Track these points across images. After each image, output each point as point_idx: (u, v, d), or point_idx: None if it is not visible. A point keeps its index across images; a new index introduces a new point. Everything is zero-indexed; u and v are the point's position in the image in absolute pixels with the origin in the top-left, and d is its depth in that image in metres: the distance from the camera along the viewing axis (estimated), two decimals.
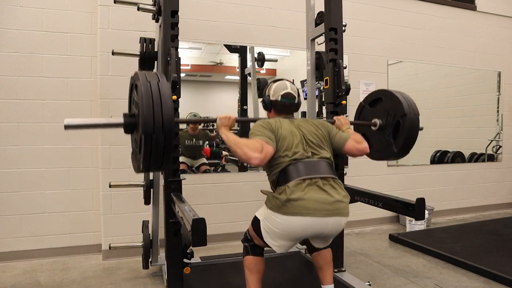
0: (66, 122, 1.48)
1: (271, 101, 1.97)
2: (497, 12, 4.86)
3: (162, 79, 1.49)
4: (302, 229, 1.66)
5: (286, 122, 1.86)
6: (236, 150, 1.66)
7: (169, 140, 1.44)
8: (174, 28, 2.19)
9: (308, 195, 1.63)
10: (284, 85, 1.98)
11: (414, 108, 2.15)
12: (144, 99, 1.40)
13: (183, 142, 3.72)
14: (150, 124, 1.38)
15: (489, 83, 4.98)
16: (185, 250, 2.26)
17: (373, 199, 2.28)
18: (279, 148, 1.75)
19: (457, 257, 2.92)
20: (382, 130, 2.26)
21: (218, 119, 1.83)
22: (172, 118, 1.44)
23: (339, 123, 2.15)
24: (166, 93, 1.44)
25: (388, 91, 2.25)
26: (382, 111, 2.27)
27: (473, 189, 4.78)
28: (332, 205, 1.66)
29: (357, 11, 4.00)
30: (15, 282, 2.66)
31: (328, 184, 1.71)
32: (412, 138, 2.15)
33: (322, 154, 1.81)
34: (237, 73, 4.04)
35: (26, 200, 3.06)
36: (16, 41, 3.00)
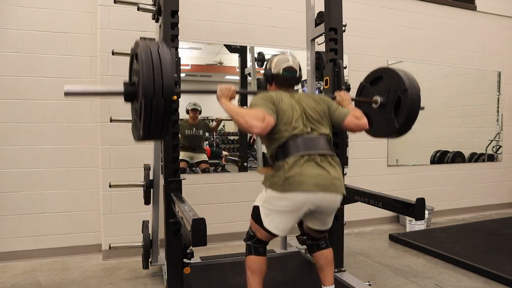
0: (66, 89, 1.46)
1: (272, 74, 1.96)
2: (497, 12, 4.86)
3: (163, 46, 1.48)
4: (300, 203, 1.70)
5: (287, 96, 1.86)
6: (238, 119, 1.66)
7: (169, 105, 1.43)
8: (174, 28, 2.19)
9: (305, 172, 1.67)
10: (286, 58, 1.97)
11: (415, 84, 2.14)
12: (145, 65, 1.39)
13: (183, 132, 3.71)
14: (150, 89, 1.38)
15: (489, 83, 4.98)
16: (185, 250, 2.26)
17: (373, 199, 2.27)
18: (279, 121, 1.76)
19: (457, 257, 2.92)
20: (383, 107, 2.25)
21: (218, 90, 1.81)
22: (172, 83, 1.44)
23: (340, 99, 2.14)
24: (166, 58, 1.43)
25: (389, 69, 2.24)
26: (382, 89, 2.26)
27: (473, 189, 4.78)
28: (329, 181, 1.70)
29: (357, 11, 4.00)
30: (15, 282, 2.66)
31: (325, 161, 1.74)
32: (413, 114, 2.14)
33: (321, 130, 1.83)
34: (237, 73, 4.04)
35: (26, 200, 3.06)
36: (16, 41, 3.00)
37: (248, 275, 1.88)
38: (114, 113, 2.98)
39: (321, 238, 2.01)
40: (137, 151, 3.13)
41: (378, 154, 4.18)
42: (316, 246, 2.00)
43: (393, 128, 2.20)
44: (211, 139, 4.10)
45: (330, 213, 1.86)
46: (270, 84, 2.01)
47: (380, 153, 4.19)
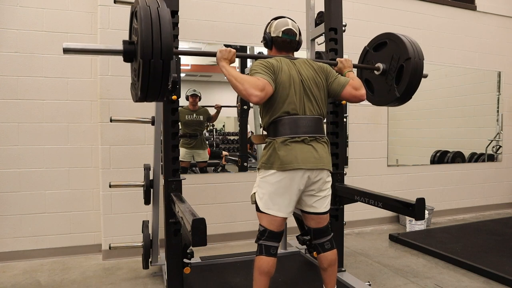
0: (64, 45, 1.46)
1: (271, 37, 1.94)
2: (497, 12, 4.86)
3: (162, 5, 1.47)
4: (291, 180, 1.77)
5: (287, 63, 1.85)
6: (237, 85, 1.65)
7: (167, 67, 1.44)
8: (174, 28, 2.19)
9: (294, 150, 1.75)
10: (285, 21, 1.95)
11: (418, 52, 2.14)
12: (143, 23, 1.39)
13: (182, 118, 3.70)
14: (148, 49, 1.38)
15: (489, 83, 4.98)
16: (185, 250, 2.26)
17: (373, 199, 2.27)
18: (276, 93, 1.78)
19: (457, 257, 2.92)
20: (385, 74, 2.23)
21: (218, 52, 1.79)
22: (171, 43, 1.43)
23: (341, 66, 2.13)
24: (165, 18, 1.43)
25: (393, 34, 2.20)
26: (386, 55, 2.24)
27: (473, 189, 4.78)
28: (317, 158, 1.79)
29: (357, 11, 4.00)
30: (15, 282, 2.66)
31: (315, 141, 1.82)
32: (415, 83, 2.14)
33: (315, 109, 1.86)
34: None
35: (26, 200, 3.06)
36: (16, 41, 3.00)
37: (255, 276, 1.82)
38: (114, 113, 2.99)
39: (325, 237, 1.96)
40: (137, 151, 3.13)
41: (378, 154, 4.18)
42: (321, 247, 1.96)
43: (394, 96, 2.19)
44: (211, 139, 4.10)
45: (321, 191, 1.88)
46: (269, 49, 1.99)
47: (380, 153, 4.19)
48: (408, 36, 2.19)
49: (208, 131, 4.11)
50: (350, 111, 3.95)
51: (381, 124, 4.15)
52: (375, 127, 4.15)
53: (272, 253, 1.83)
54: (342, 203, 2.53)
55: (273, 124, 1.82)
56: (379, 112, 4.16)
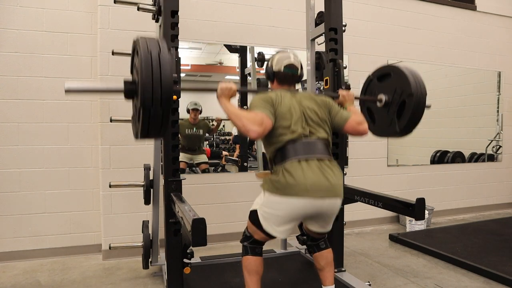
0: (66, 86, 1.47)
1: (273, 71, 1.95)
2: (497, 12, 4.86)
3: (163, 49, 1.46)
4: (299, 209, 1.70)
5: (288, 95, 1.84)
6: (236, 122, 1.66)
7: (167, 113, 1.45)
8: (174, 28, 2.19)
9: (304, 177, 1.66)
10: (287, 55, 1.96)
11: (422, 88, 2.10)
12: (144, 71, 1.39)
13: (183, 131, 3.70)
14: (148, 99, 1.38)
15: (489, 83, 4.98)
16: (185, 250, 2.26)
17: (373, 199, 2.27)
18: (278, 124, 1.75)
19: (457, 257, 2.92)
20: (387, 106, 2.21)
21: (218, 89, 1.79)
22: (171, 91, 1.44)
23: (343, 99, 2.13)
24: (166, 65, 1.43)
25: (398, 67, 2.18)
26: (389, 87, 2.21)
27: (473, 189, 4.78)
28: (327, 187, 1.69)
29: (357, 11, 4.00)
30: (15, 282, 2.66)
31: (324, 165, 1.73)
32: (416, 120, 2.12)
33: (320, 133, 1.82)
34: (237, 73, 4.04)
35: (26, 200, 3.06)
36: (16, 41, 3.00)
37: (245, 275, 1.89)
38: (114, 113, 2.98)
39: (321, 239, 2.02)
40: (137, 151, 3.13)
41: (378, 154, 4.18)
42: (316, 247, 2.02)
43: (394, 130, 2.18)
44: (211, 139, 4.10)
45: (330, 217, 1.85)
46: (271, 82, 2.00)
47: (380, 153, 4.19)
48: (412, 69, 2.16)
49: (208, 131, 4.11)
50: None
51: None
52: None
53: (258, 253, 1.89)
54: (342, 203, 2.53)
55: (279, 152, 1.75)
56: None
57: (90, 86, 1.67)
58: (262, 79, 4.04)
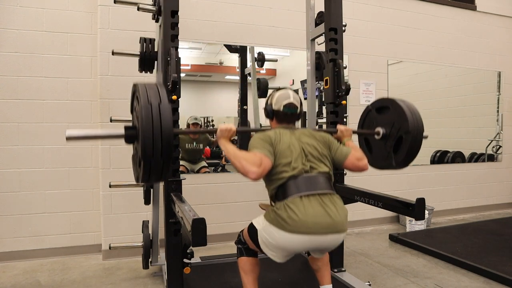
0: (67, 134, 1.50)
1: (273, 110, 1.96)
2: (497, 12, 4.86)
3: (164, 99, 1.48)
4: (300, 245, 1.67)
5: (287, 134, 1.84)
6: (235, 163, 1.66)
7: (167, 162, 1.49)
8: (174, 28, 2.19)
9: (307, 213, 1.62)
10: (286, 94, 1.96)
11: (419, 125, 2.13)
12: (144, 123, 1.41)
13: (183, 146, 3.71)
14: (149, 150, 1.41)
15: (489, 83, 4.98)
16: (185, 250, 2.26)
17: (373, 199, 2.27)
18: (278, 162, 1.73)
19: (457, 257, 2.92)
20: (385, 139, 2.26)
21: (218, 131, 1.81)
22: (171, 142, 1.47)
23: (341, 134, 2.15)
24: (166, 116, 1.45)
25: (396, 102, 2.21)
26: (387, 119, 2.25)
27: (473, 189, 4.78)
28: (330, 223, 1.65)
29: (357, 11, 4.00)
30: (15, 282, 2.66)
31: (326, 200, 1.70)
32: (412, 156, 2.16)
33: (321, 168, 1.79)
34: (237, 73, 4.04)
35: (26, 200, 3.06)
36: (16, 41, 3.00)
37: (242, 275, 1.92)
38: (114, 113, 2.98)
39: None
40: None
41: None
42: None
43: (390, 165, 2.23)
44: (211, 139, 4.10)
45: (331, 249, 1.82)
46: (271, 120, 2.01)
47: None
48: (410, 104, 2.18)
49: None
50: (350, 111, 3.95)
51: None
52: None
53: (252, 254, 1.91)
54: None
55: (281, 188, 1.73)
56: None
57: (91, 133, 1.72)
58: (262, 79, 4.04)
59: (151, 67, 2.55)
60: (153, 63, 2.54)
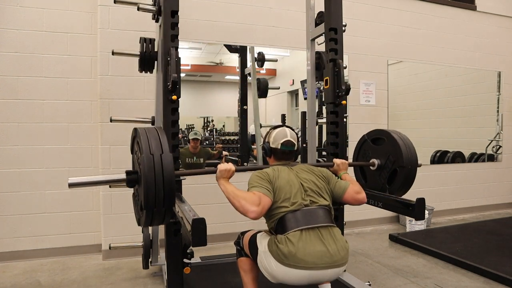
0: (70, 181, 1.55)
1: (271, 148, 1.98)
2: (497, 12, 4.86)
3: (165, 149, 1.51)
4: (299, 280, 1.66)
5: (285, 170, 1.85)
6: (234, 203, 1.68)
7: (169, 210, 1.53)
8: (174, 28, 2.19)
9: (307, 248, 1.62)
10: (284, 133, 1.98)
11: (413, 158, 2.18)
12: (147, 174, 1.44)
13: (183, 160, 3.69)
14: (152, 201, 1.45)
15: (489, 83, 4.98)
16: (185, 250, 2.26)
17: (373, 199, 2.27)
18: (277, 199, 1.74)
19: (457, 257, 2.92)
20: (380, 170, 2.32)
21: (218, 171, 1.84)
22: (173, 192, 1.50)
23: (337, 168, 2.17)
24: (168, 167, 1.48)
25: (392, 136, 2.24)
26: (383, 151, 2.30)
27: (473, 189, 4.78)
28: (330, 258, 1.65)
29: (357, 11, 4.00)
30: (15, 282, 2.66)
31: (326, 234, 1.70)
32: (406, 188, 2.22)
33: (321, 201, 1.80)
34: (237, 73, 4.04)
35: (26, 200, 3.06)
36: (16, 41, 3.00)
37: (242, 274, 1.94)
38: (114, 113, 2.98)
39: None
40: None
41: None
42: None
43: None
44: (211, 139, 4.10)
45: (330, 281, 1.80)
46: (269, 157, 2.04)
47: None
48: (404, 137, 2.22)
49: (208, 131, 4.11)
50: (350, 111, 3.95)
51: (381, 124, 4.14)
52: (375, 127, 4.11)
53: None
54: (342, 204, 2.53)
55: (280, 222, 1.73)
56: (379, 113, 4.16)
57: (92, 179, 1.75)
58: (262, 79, 4.04)
59: (151, 67, 2.55)
60: (153, 63, 2.54)
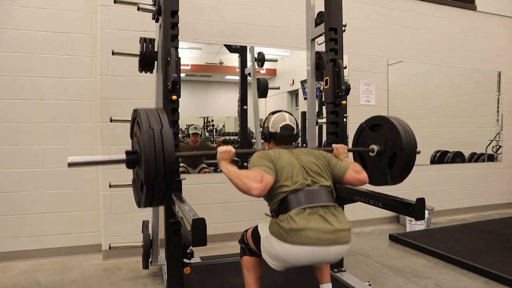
0: (69, 160, 1.53)
1: (270, 132, 1.99)
2: (497, 12, 4.86)
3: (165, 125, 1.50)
4: (304, 257, 1.66)
5: (285, 152, 1.86)
6: (236, 182, 1.68)
7: (169, 186, 1.51)
8: (174, 28, 2.19)
9: (309, 225, 1.62)
10: (282, 117, 1.99)
11: (412, 142, 2.16)
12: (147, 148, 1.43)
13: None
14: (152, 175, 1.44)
15: (489, 83, 4.98)
16: (185, 250, 2.26)
17: (373, 199, 2.27)
18: (279, 178, 1.75)
19: (457, 257, 2.92)
20: (379, 156, 2.30)
21: (218, 153, 1.84)
22: (173, 167, 1.48)
23: (337, 152, 2.17)
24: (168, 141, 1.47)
25: (389, 120, 2.24)
26: (381, 137, 2.29)
27: (473, 189, 4.78)
28: (334, 234, 1.65)
29: (357, 11, 4.00)
30: (15, 282, 2.66)
31: (329, 213, 1.70)
32: (407, 171, 2.20)
33: (322, 182, 1.81)
34: (237, 73, 4.04)
35: (26, 200, 3.06)
36: (16, 41, 3.00)
37: (245, 273, 1.93)
38: (114, 113, 2.98)
39: None
40: None
41: None
42: None
43: (385, 180, 2.26)
44: (211, 138, 4.10)
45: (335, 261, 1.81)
46: (268, 142, 2.04)
47: None
48: (403, 122, 2.22)
49: (208, 131, 4.11)
50: (350, 111, 3.95)
51: None
52: None
53: (255, 254, 1.91)
54: (342, 203, 2.52)
55: (283, 202, 1.73)
56: (379, 113, 4.15)
57: (92, 159, 1.74)
58: (262, 79, 4.04)
59: (151, 67, 2.55)
60: (153, 63, 2.54)
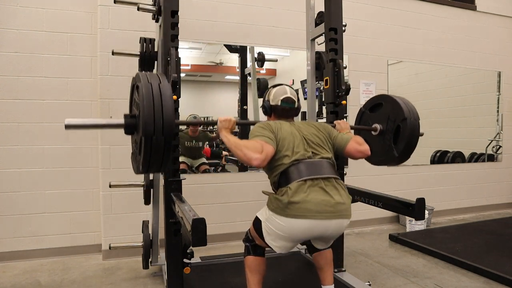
0: (66, 122, 1.49)
1: (271, 105, 1.97)
2: (497, 12, 4.86)
3: (163, 81, 1.49)
4: (304, 231, 1.66)
5: (286, 124, 1.86)
6: (237, 152, 1.65)
7: (169, 142, 1.46)
8: (174, 28, 2.19)
9: (310, 197, 1.62)
10: (283, 89, 1.98)
11: (414, 112, 2.15)
12: (145, 100, 1.40)
13: (183, 143, 3.71)
14: (150, 126, 1.39)
15: (489, 83, 4.98)
16: (185, 250, 2.26)
17: (373, 199, 2.28)
18: (280, 148, 1.74)
19: (457, 257, 2.92)
20: (383, 135, 2.27)
21: (218, 122, 1.83)
22: (172, 120, 1.45)
23: (339, 127, 2.15)
24: (167, 94, 1.45)
25: (388, 96, 2.26)
26: (382, 116, 2.28)
27: (473, 189, 4.78)
28: (334, 207, 1.65)
29: (357, 11, 4.00)
30: (15, 282, 2.66)
31: (330, 185, 1.70)
32: (412, 142, 2.16)
33: (323, 154, 1.80)
34: (237, 73, 4.04)
35: (26, 200, 3.06)
36: (16, 41, 3.00)
37: (247, 274, 1.90)
38: (114, 113, 2.98)
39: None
40: None
41: None
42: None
43: (392, 156, 2.22)
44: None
45: (335, 236, 1.82)
46: (269, 116, 2.03)
47: None
48: (401, 96, 2.23)
49: (208, 131, 4.11)
50: (350, 111, 3.95)
51: None
52: None
53: (259, 253, 1.90)
54: None
55: (283, 174, 1.71)
56: None
57: (90, 121, 1.71)
58: (262, 79, 4.04)
59: (151, 67, 2.55)
60: (153, 63, 2.54)
